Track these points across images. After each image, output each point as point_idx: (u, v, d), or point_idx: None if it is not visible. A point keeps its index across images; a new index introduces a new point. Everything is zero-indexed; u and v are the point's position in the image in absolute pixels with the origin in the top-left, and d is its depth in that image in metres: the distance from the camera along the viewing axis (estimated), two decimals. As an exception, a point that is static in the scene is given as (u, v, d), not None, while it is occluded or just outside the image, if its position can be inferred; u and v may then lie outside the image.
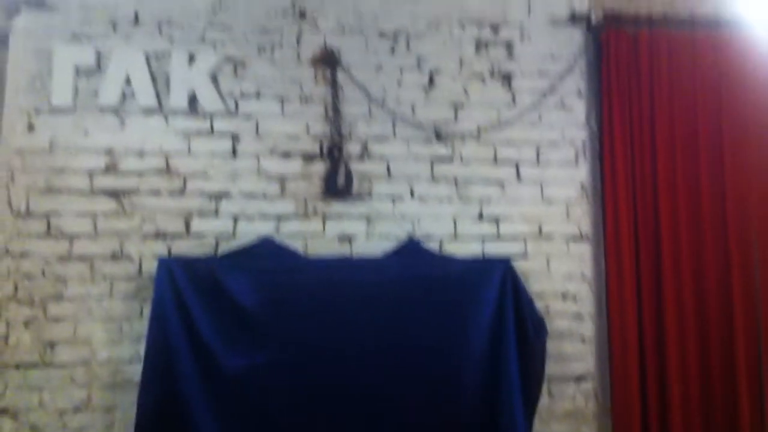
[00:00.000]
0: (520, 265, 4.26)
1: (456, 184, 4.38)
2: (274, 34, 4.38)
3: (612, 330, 4.30)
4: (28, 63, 4.17)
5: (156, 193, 4.17)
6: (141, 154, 4.18)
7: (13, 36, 4.19)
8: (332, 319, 4.01)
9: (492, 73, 4.50)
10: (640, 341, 4.27)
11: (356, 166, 4.30)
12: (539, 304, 4.27)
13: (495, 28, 4.54)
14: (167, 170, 4.19)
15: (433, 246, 4.29)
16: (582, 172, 4.47)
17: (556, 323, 4.32)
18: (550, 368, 4.22)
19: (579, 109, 4.52)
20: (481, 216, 4.36)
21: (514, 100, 4.49)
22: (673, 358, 4.26)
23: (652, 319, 4.30)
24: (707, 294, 4.34)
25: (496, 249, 4.33)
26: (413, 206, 4.33)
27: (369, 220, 4.29)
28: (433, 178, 4.37)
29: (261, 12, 4.39)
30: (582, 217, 4.44)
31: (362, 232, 4.28)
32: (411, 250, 4.25)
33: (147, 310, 3.96)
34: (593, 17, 4.56)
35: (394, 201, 4.32)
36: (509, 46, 4.54)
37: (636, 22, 4.56)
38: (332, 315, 4.02)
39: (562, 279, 4.38)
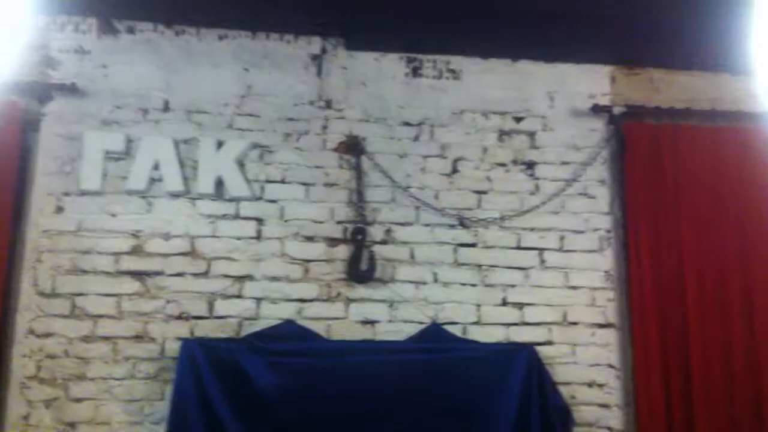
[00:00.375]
0: (544, 352, 4.23)
1: (479, 269, 4.37)
2: (300, 122, 4.47)
3: (640, 421, 4.21)
4: (59, 147, 4.26)
5: (180, 275, 4.19)
6: (167, 236, 4.22)
7: (44, 121, 4.28)
8: (354, 404, 3.96)
9: (515, 162, 4.55)
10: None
11: (379, 251, 4.32)
12: (565, 393, 4.20)
13: (518, 119, 4.61)
14: (192, 253, 4.22)
15: (456, 331, 4.26)
16: (607, 260, 4.46)
17: (582, 413, 4.25)
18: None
19: (602, 197, 4.54)
20: (504, 302, 4.35)
21: (537, 188, 4.52)
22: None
23: (681, 409, 4.20)
24: (736, 383, 4.25)
25: (520, 335, 4.30)
26: (436, 291, 4.32)
27: (392, 304, 4.28)
28: (457, 264, 4.37)
29: (288, 101, 4.48)
30: (607, 305, 4.40)
31: (385, 316, 4.26)
32: (434, 335, 4.21)
33: (169, 392, 3.95)
34: (615, 109, 4.60)
35: (417, 286, 4.31)
36: (532, 136, 4.60)
37: (657, 114, 4.62)
38: (354, 400, 3.97)
39: (588, 367, 4.32)
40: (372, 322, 4.25)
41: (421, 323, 4.26)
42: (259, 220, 4.31)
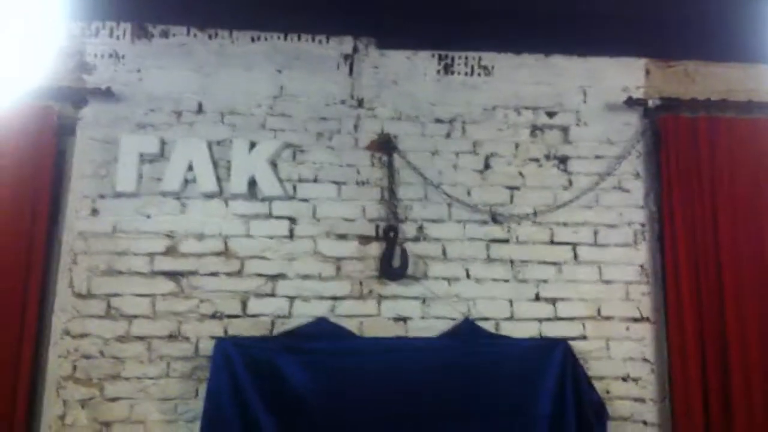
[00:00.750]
0: (578, 347, 4.20)
1: (512, 265, 4.35)
2: (332, 121, 4.48)
3: (676, 416, 4.16)
4: (94, 151, 4.32)
5: (214, 274, 4.22)
6: (201, 237, 4.26)
7: (79, 125, 4.35)
8: (387, 401, 3.95)
9: (548, 157, 4.51)
10: (707, 427, 4.11)
11: (412, 248, 4.31)
12: (599, 387, 4.16)
13: (550, 114, 4.57)
14: (226, 252, 4.25)
15: (489, 327, 4.24)
16: (641, 254, 4.41)
17: (617, 407, 4.20)
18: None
19: (637, 191, 4.49)
20: (537, 297, 4.31)
21: (570, 182, 4.48)
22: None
23: (718, 404, 4.13)
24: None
25: (553, 330, 4.26)
26: (469, 287, 4.30)
27: (424, 301, 4.27)
28: (489, 260, 4.34)
29: (320, 101, 4.50)
30: (642, 299, 4.35)
31: (417, 313, 4.25)
32: (467, 331, 4.20)
33: (203, 390, 3.97)
34: (650, 102, 4.55)
35: (449, 282, 4.30)
36: (565, 131, 4.56)
37: (693, 106, 4.56)
38: (387, 397, 3.96)
39: (623, 362, 4.27)
40: (404, 319, 4.24)
41: (453, 320, 4.25)
42: (292, 219, 4.32)
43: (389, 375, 4.01)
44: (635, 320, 4.33)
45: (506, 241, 4.38)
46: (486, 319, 4.26)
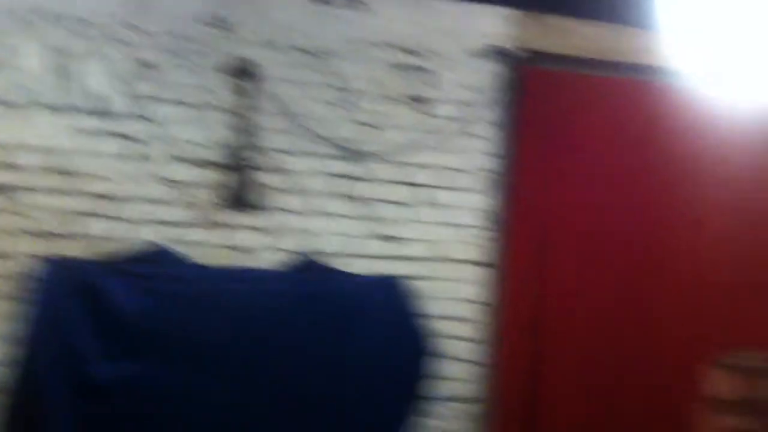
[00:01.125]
0: (419, 286, 4.26)
1: (361, 202, 4.33)
2: (191, 41, 4.25)
3: (505, 357, 4.32)
4: (-72, 53, 3.99)
5: (49, 191, 3.98)
6: (37, 150, 3.99)
7: None
8: (224, 329, 3.89)
9: (408, 98, 4.46)
10: (533, 369, 4.31)
11: (263, 179, 4.21)
12: (435, 326, 4.24)
13: (416, 55, 4.50)
14: (63, 169, 4.01)
15: (332, 262, 4.23)
16: (488, 200, 4.47)
17: (450, 346, 4.30)
18: (437, 389, 4.23)
19: (494, 139, 4.51)
20: (383, 236, 4.33)
21: (427, 125, 4.45)
22: (561, 390, 4.31)
23: (548, 349, 4.33)
24: (610, 327, 4.38)
25: (396, 269, 4.29)
26: (317, 222, 4.26)
27: (270, 233, 4.20)
28: (339, 196, 4.31)
29: (180, 18, 4.25)
30: (486, 244, 4.44)
31: (263, 245, 4.18)
32: (311, 265, 4.18)
33: (26, 312, 3.76)
34: (516, 53, 4.53)
35: (298, 216, 4.24)
36: (428, 73, 4.50)
37: (558, 61, 4.59)
38: (224, 325, 3.90)
39: (460, 303, 4.39)
40: (249, 251, 4.17)
41: (299, 254, 4.21)
42: (139, 140, 4.12)
43: (228, 304, 3.95)
44: (476, 264, 4.43)
45: (359, 178, 4.35)
46: (331, 254, 4.25)
